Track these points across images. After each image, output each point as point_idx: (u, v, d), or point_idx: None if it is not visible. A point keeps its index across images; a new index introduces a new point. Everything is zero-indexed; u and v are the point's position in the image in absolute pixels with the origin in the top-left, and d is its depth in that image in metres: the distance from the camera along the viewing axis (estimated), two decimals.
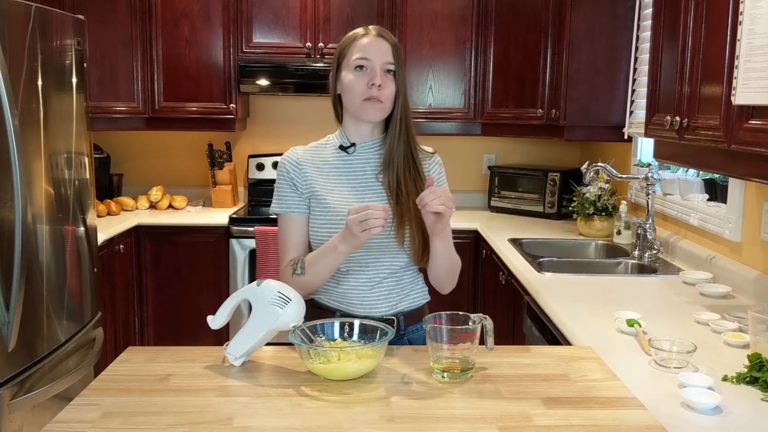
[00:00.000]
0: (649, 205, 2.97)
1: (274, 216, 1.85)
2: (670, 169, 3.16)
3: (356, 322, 1.60)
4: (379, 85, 1.72)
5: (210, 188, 4.21)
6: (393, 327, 1.76)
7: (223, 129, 4.01)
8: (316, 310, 1.80)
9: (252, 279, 3.70)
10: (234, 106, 3.92)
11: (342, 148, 1.83)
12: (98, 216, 3.55)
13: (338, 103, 1.83)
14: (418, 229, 1.74)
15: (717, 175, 2.72)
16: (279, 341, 1.60)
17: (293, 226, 1.80)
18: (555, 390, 1.44)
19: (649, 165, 3.24)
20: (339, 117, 1.85)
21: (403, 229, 1.75)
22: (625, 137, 3.45)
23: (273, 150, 4.31)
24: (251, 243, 3.70)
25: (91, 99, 3.20)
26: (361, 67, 1.74)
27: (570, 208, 3.52)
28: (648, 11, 3.14)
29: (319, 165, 1.82)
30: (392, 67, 1.75)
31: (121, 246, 3.56)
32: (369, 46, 1.74)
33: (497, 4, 3.84)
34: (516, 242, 3.22)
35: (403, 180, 1.77)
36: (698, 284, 2.43)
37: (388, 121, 1.81)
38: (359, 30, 1.79)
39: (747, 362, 1.60)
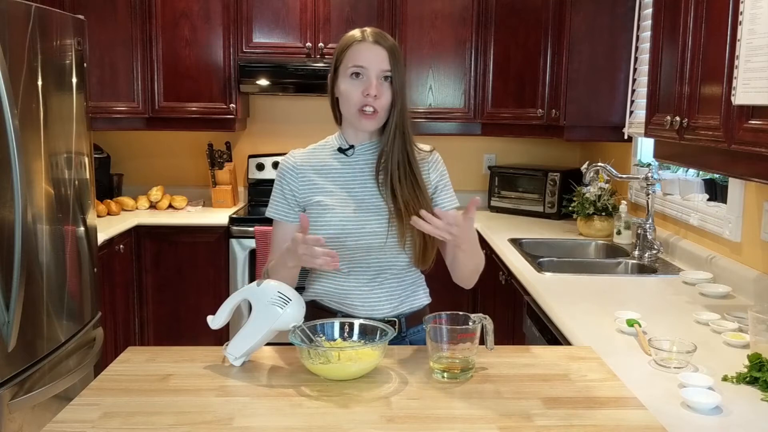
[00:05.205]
0: (649, 205, 2.97)
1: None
2: (670, 169, 3.16)
3: (356, 322, 1.61)
4: (375, 95, 1.71)
5: (210, 188, 4.21)
6: (395, 328, 1.77)
7: (223, 129, 4.01)
8: (317, 311, 1.79)
9: (252, 279, 3.70)
10: (234, 106, 3.92)
11: (340, 150, 1.82)
12: (98, 216, 3.55)
13: (336, 106, 1.82)
14: (419, 233, 1.71)
15: (717, 175, 2.72)
16: (279, 341, 1.60)
17: (282, 233, 1.81)
18: (555, 390, 1.44)
19: (649, 165, 3.24)
20: (337, 119, 1.84)
21: (402, 231, 1.74)
22: (625, 137, 3.45)
23: (273, 150, 4.31)
24: (251, 243, 3.70)
25: (91, 99, 3.19)
26: (356, 74, 1.73)
27: (570, 208, 3.52)
28: (648, 11, 3.14)
29: (318, 168, 1.81)
30: (389, 74, 1.73)
31: (121, 246, 3.56)
32: (365, 53, 1.72)
33: (497, 4, 3.84)
34: (516, 242, 3.22)
35: (399, 184, 1.75)
36: (698, 284, 2.43)
37: (386, 125, 1.79)
38: (356, 33, 1.76)
39: (747, 362, 1.60)
